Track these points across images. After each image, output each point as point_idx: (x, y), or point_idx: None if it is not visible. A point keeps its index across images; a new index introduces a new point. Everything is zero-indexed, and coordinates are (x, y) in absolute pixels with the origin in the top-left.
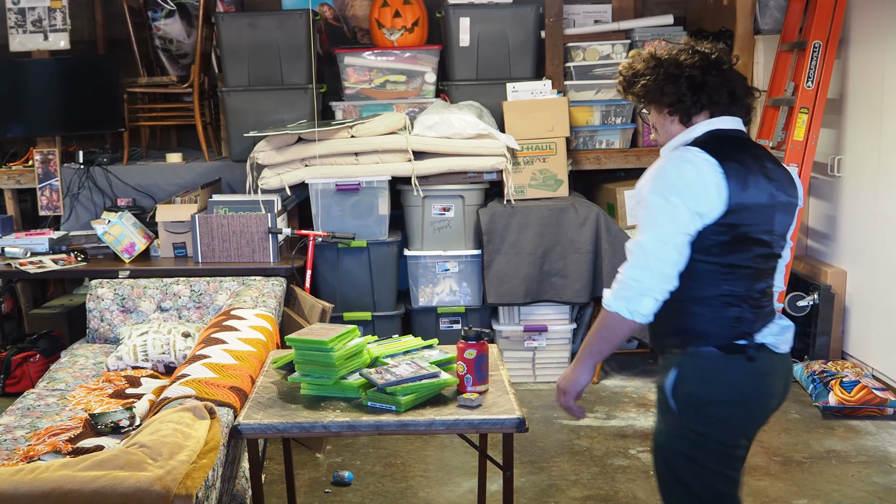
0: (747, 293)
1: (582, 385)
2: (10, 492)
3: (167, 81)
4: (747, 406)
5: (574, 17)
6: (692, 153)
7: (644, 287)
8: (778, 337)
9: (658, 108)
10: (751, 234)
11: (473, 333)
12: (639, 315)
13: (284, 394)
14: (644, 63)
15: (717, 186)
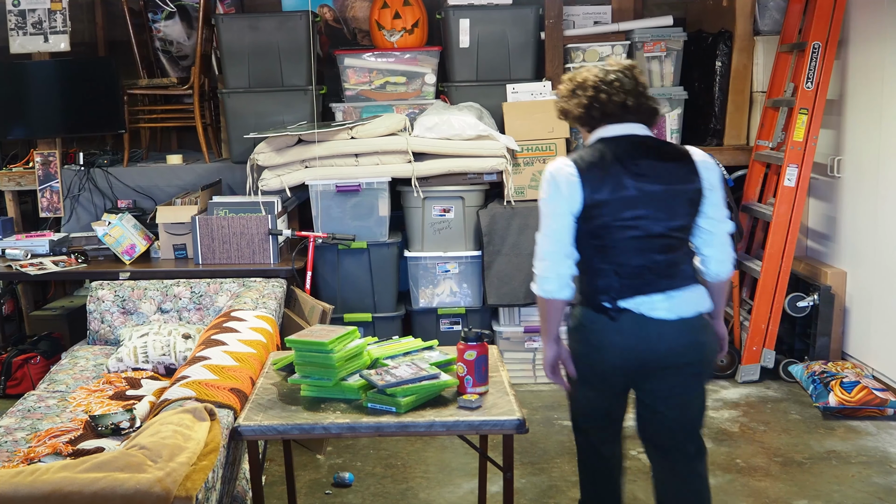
0: (618, 267)
1: (550, 359)
2: (11, 493)
3: (167, 83)
4: (598, 353)
5: (574, 19)
6: (558, 165)
7: (545, 272)
8: (659, 305)
9: (572, 121)
10: (611, 223)
11: (473, 335)
12: (549, 292)
13: (285, 395)
14: (560, 88)
15: (574, 190)
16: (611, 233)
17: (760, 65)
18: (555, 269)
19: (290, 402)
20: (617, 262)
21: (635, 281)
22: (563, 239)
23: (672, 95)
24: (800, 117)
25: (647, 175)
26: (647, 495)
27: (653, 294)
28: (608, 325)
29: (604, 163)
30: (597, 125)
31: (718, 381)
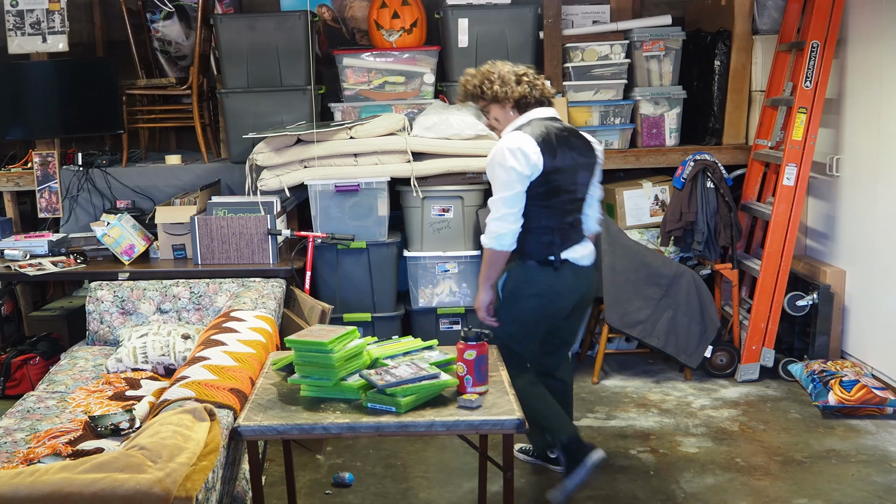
0: (558, 226)
1: (487, 301)
2: (10, 494)
3: (166, 83)
4: (550, 298)
5: (572, 18)
6: (520, 135)
7: (504, 229)
8: (580, 255)
9: (502, 105)
10: (560, 186)
11: (473, 334)
12: (506, 246)
13: (284, 395)
14: (488, 75)
15: (538, 159)
16: (557, 196)
17: (759, 64)
18: (513, 226)
19: (289, 402)
20: (557, 221)
21: (566, 236)
22: (520, 202)
23: (671, 94)
24: (798, 116)
25: (577, 148)
26: (646, 494)
27: (576, 246)
28: (553, 274)
29: (550, 137)
30: (530, 108)
31: (718, 380)
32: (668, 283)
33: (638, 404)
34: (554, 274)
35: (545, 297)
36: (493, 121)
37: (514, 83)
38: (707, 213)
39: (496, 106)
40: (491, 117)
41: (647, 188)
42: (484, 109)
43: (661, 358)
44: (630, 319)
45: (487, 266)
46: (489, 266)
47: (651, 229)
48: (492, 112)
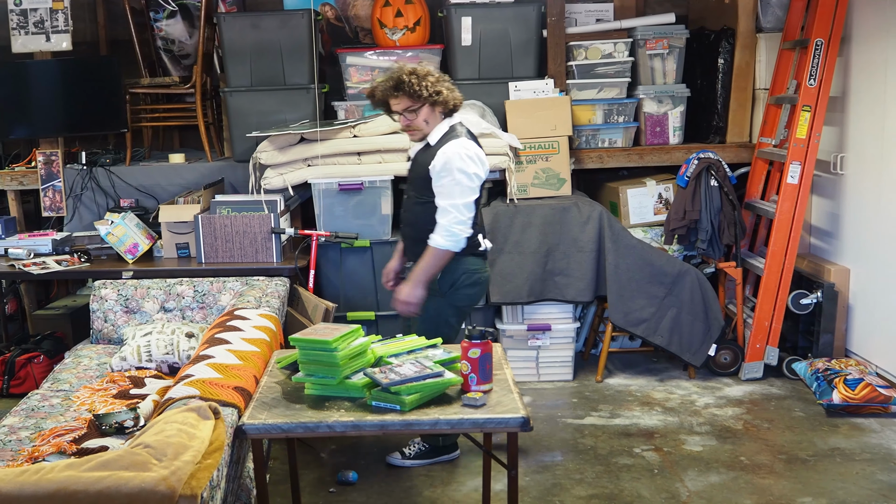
0: (480, 220)
1: (420, 297)
2: (16, 492)
3: (169, 82)
4: (483, 286)
5: (576, 16)
6: (470, 144)
7: (465, 231)
8: (487, 243)
9: (435, 108)
10: (484, 187)
11: (477, 332)
12: (460, 247)
13: (288, 394)
14: (426, 75)
15: (486, 161)
16: (481, 193)
17: (763, 62)
18: (470, 230)
19: (294, 400)
20: (479, 216)
21: (480, 229)
22: (476, 205)
23: (674, 93)
24: (802, 114)
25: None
26: (651, 494)
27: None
28: (483, 263)
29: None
30: (454, 112)
31: (722, 378)
32: (672, 281)
33: (642, 403)
34: (483, 263)
35: (482, 285)
36: (420, 123)
37: (454, 88)
38: (711, 212)
39: (429, 108)
40: (420, 119)
41: (650, 186)
42: (409, 109)
43: (664, 356)
44: (634, 318)
45: (434, 265)
46: (436, 265)
47: (655, 228)
48: (422, 114)
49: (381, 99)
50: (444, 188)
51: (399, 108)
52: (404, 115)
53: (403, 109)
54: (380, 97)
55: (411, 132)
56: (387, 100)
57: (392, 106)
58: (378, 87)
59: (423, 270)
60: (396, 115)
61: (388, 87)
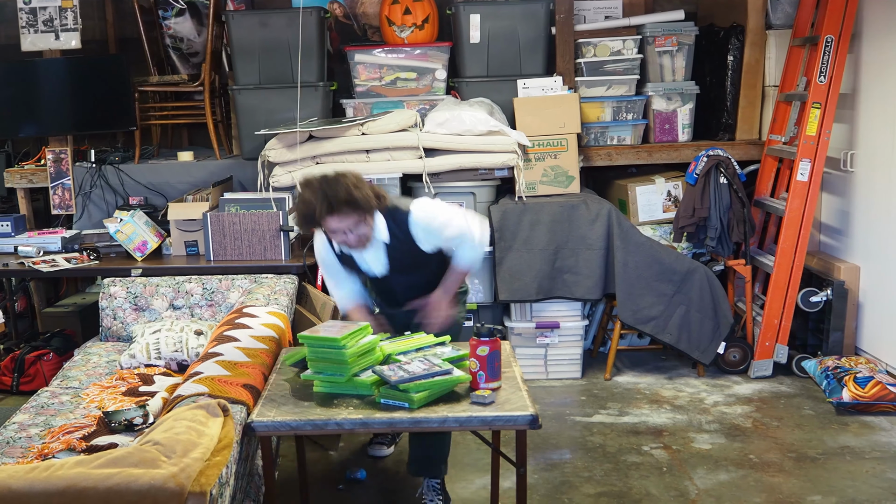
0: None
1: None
2: (26, 489)
3: (178, 80)
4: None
5: (584, 13)
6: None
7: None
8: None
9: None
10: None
11: (486, 330)
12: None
13: (297, 391)
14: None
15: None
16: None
17: (773, 59)
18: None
19: (302, 398)
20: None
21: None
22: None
23: (684, 90)
24: (812, 111)
25: None
26: (660, 491)
27: None
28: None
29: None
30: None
31: (731, 376)
32: (681, 279)
33: (651, 400)
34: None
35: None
36: (366, 232)
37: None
38: (720, 209)
39: (367, 215)
40: (366, 229)
41: (659, 184)
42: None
43: (673, 354)
44: (642, 315)
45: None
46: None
47: (664, 225)
48: (367, 221)
49: (315, 220)
50: (443, 233)
51: (341, 226)
52: (347, 231)
53: (346, 227)
54: (316, 219)
55: (361, 245)
56: (323, 218)
57: (332, 225)
58: (313, 208)
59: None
60: (332, 233)
61: (328, 207)
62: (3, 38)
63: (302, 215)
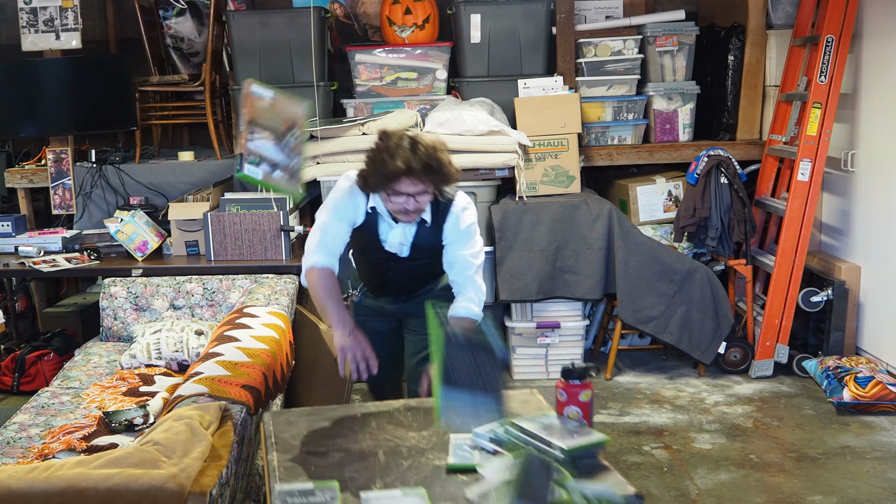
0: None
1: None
2: (26, 490)
3: (179, 80)
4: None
5: (585, 13)
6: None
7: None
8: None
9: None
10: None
11: (579, 371)
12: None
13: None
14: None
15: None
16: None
17: (773, 59)
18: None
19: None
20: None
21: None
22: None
23: (684, 90)
24: (813, 111)
25: None
26: (661, 491)
27: None
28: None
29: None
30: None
31: (731, 376)
32: (682, 278)
33: (651, 400)
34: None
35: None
36: (424, 205)
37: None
38: (721, 209)
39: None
40: (426, 200)
41: (660, 184)
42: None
43: (674, 354)
44: (643, 315)
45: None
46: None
47: (664, 225)
48: (429, 196)
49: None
50: (465, 248)
51: (413, 189)
52: (414, 197)
53: (416, 192)
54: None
55: (412, 216)
56: (402, 178)
57: (403, 186)
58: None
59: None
60: (395, 195)
61: (421, 167)
62: (4, 38)
63: (377, 166)
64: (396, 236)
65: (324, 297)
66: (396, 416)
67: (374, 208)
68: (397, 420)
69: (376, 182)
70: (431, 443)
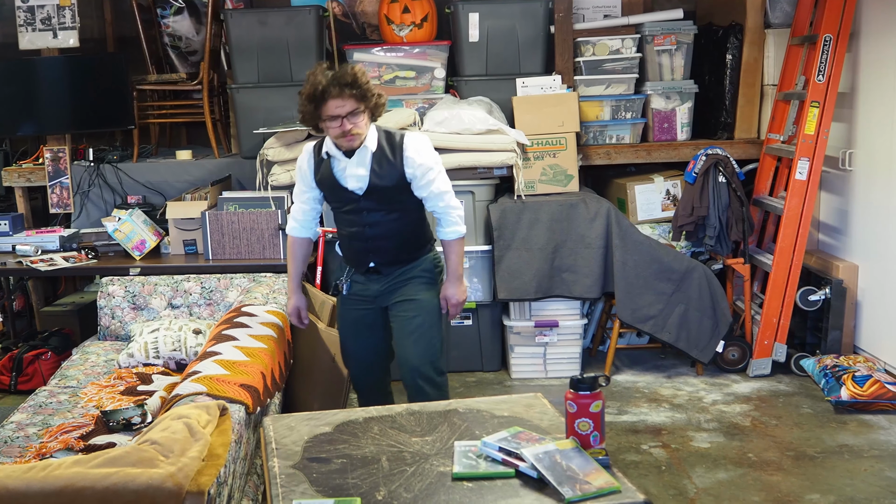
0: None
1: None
2: (23, 489)
3: (176, 79)
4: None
5: (583, 12)
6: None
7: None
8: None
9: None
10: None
11: (589, 381)
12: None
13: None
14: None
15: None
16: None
17: (771, 58)
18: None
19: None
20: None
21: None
22: None
23: (682, 89)
24: (811, 110)
25: None
26: (658, 489)
27: None
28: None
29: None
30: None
31: (729, 375)
32: (680, 277)
33: (649, 399)
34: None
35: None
36: (360, 126)
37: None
38: (719, 208)
39: (367, 114)
40: (361, 122)
41: (658, 183)
42: (354, 112)
43: (672, 353)
44: (641, 314)
45: (462, 254)
46: (462, 254)
47: (662, 224)
48: (363, 118)
49: (320, 96)
50: (433, 181)
51: (342, 110)
52: (346, 118)
53: (347, 112)
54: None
55: (351, 138)
56: (326, 99)
57: (331, 109)
58: (321, 83)
59: (458, 264)
60: (329, 120)
61: (335, 83)
62: (1, 37)
63: (307, 95)
64: (352, 171)
65: (288, 262)
66: (399, 421)
67: (328, 153)
68: (400, 425)
69: (309, 113)
70: (435, 448)
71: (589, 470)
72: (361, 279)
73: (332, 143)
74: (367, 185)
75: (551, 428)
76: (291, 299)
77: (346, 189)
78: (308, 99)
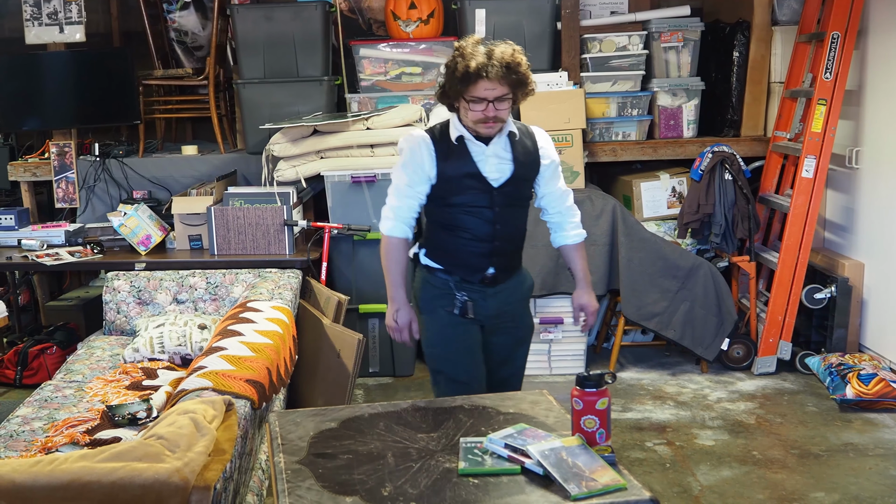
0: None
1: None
2: (29, 483)
3: (182, 74)
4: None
5: (590, 9)
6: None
7: None
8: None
9: (523, 89)
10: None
11: (595, 378)
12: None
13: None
14: (515, 55)
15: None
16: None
17: (778, 55)
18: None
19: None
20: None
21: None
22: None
23: (689, 86)
24: (818, 108)
25: None
26: (662, 487)
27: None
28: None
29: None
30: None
31: (734, 372)
32: (685, 275)
33: (654, 397)
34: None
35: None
36: (504, 113)
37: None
38: (725, 206)
39: (521, 93)
40: (505, 109)
41: (664, 180)
42: (504, 98)
43: (677, 350)
44: (646, 311)
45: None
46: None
47: (668, 221)
48: (508, 105)
49: (474, 75)
50: (560, 177)
51: (491, 94)
52: (493, 103)
53: (496, 97)
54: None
55: (492, 124)
56: (479, 79)
57: (480, 90)
58: (478, 62)
59: (588, 269)
60: (474, 102)
61: (496, 64)
62: (7, 31)
63: (460, 73)
64: (494, 158)
65: (385, 268)
66: (405, 417)
67: (461, 137)
68: (406, 421)
69: (454, 89)
70: (441, 445)
71: (595, 467)
72: (477, 295)
73: (463, 127)
74: (510, 173)
75: (557, 425)
76: (402, 311)
77: (484, 179)
78: (458, 76)
